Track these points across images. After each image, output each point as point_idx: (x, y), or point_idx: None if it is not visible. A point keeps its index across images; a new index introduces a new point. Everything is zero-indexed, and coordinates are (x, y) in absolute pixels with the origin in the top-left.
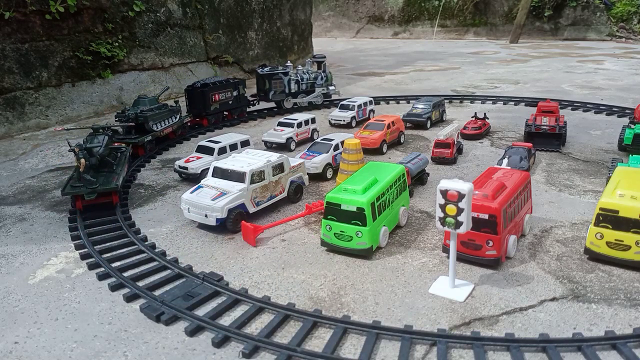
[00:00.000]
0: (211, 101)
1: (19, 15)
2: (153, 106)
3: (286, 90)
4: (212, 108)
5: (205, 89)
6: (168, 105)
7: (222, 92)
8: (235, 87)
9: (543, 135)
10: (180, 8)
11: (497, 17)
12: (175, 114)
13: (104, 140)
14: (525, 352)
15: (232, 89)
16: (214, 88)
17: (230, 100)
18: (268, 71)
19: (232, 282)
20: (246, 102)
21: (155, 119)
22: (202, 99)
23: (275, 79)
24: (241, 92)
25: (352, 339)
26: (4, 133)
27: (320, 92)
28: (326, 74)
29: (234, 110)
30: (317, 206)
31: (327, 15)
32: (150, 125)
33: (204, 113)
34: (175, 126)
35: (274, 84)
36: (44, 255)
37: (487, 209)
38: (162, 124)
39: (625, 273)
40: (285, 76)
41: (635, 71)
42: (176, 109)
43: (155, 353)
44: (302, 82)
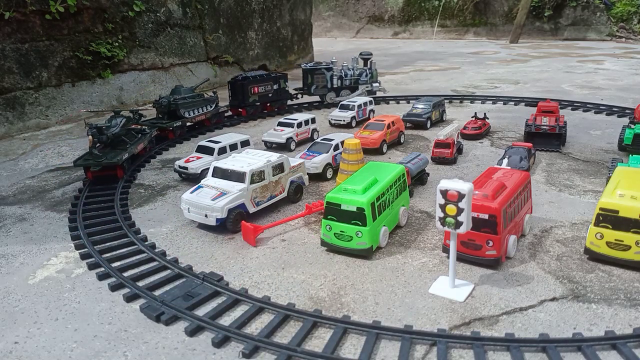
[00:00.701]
0: (250, 93)
1: (19, 15)
2: (187, 95)
3: (328, 85)
4: (250, 100)
5: (245, 81)
6: (203, 95)
7: (262, 85)
8: (276, 80)
9: (543, 135)
10: (180, 8)
11: (497, 17)
12: (210, 103)
13: (121, 122)
14: (525, 352)
15: (272, 83)
16: (253, 81)
17: (270, 93)
18: (311, 66)
19: (232, 282)
20: (287, 95)
21: (186, 106)
22: (241, 91)
23: (317, 74)
24: (282, 85)
25: (352, 339)
26: (4, 133)
27: (363, 89)
28: (371, 71)
29: (274, 102)
30: (317, 206)
31: (327, 15)
32: (181, 112)
33: (243, 104)
34: (210, 114)
35: (316, 78)
36: (44, 255)
37: (487, 209)
38: (193, 112)
39: (625, 273)
40: (328, 71)
41: (635, 71)
42: (212, 98)
43: (155, 353)
44: (346, 78)
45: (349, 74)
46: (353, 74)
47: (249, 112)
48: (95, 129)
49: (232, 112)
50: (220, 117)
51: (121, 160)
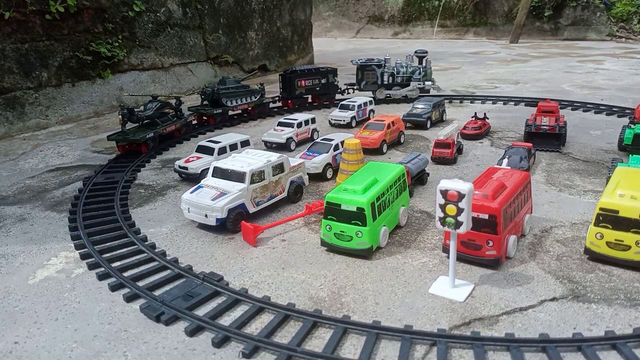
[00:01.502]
0: (297, 86)
1: (19, 15)
2: (230, 85)
3: (378, 81)
4: (297, 92)
5: (292, 75)
6: (248, 86)
7: (309, 78)
8: (325, 75)
9: (543, 135)
10: (180, 8)
11: (497, 17)
12: (255, 95)
13: (155, 106)
14: (525, 352)
15: (320, 77)
16: (301, 75)
17: (318, 87)
18: (362, 62)
19: (232, 282)
20: (335, 89)
21: (229, 96)
22: (289, 83)
23: (368, 70)
24: (330, 80)
25: (352, 339)
26: (4, 133)
27: (415, 86)
28: (425, 69)
29: (322, 96)
30: (317, 206)
31: (327, 15)
32: (223, 101)
33: (290, 96)
34: (253, 104)
35: (366, 74)
36: (44, 255)
37: (487, 209)
38: (236, 101)
39: (625, 273)
40: (379, 68)
41: (635, 71)
42: (257, 90)
43: (155, 353)
44: (398, 75)
45: (402, 71)
46: (405, 71)
47: (295, 104)
48: (126, 110)
49: (281, 103)
50: (265, 107)
51: (144, 138)
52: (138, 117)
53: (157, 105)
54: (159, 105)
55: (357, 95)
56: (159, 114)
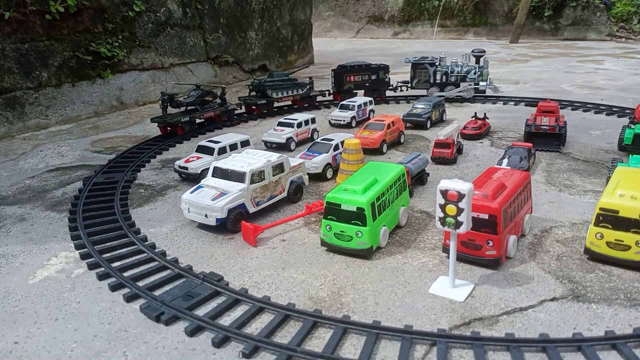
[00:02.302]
0: (345, 81)
1: (19, 15)
2: (277, 79)
3: (430, 80)
4: (345, 87)
5: (341, 70)
6: (295, 80)
7: (359, 74)
8: (375, 71)
9: (543, 135)
10: (180, 8)
11: (497, 17)
12: (301, 88)
13: (196, 94)
14: (525, 352)
15: (370, 73)
16: (350, 70)
17: (367, 83)
18: (416, 60)
19: (232, 282)
20: (385, 85)
21: (274, 88)
22: (338, 79)
23: (420, 68)
24: (381, 76)
25: (352, 339)
26: (4, 133)
27: (469, 86)
28: (481, 69)
29: (371, 92)
30: (317, 206)
31: (327, 15)
32: (269, 92)
33: (338, 91)
34: (299, 97)
35: (418, 72)
36: (44, 255)
37: (487, 209)
38: (281, 93)
39: (625, 273)
40: (432, 66)
41: (635, 71)
42: (303, 83)
43: (155, 353)
44: (452, 74)
45: (456, 71)
46: (460, 70)
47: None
48: (166, 96)
49: (334, 97)
50: (312, 100)
51: (178, 121)
52: (178, 103)
53: (199, 94)
54: (201, 93)
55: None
56: (199, 101)
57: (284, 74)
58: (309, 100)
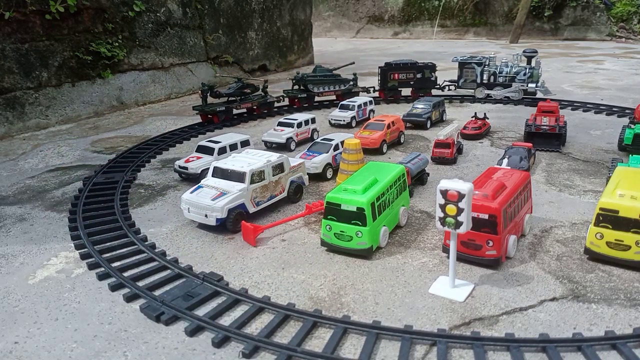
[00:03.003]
0: (389, 79)
1: (19, 15)
2: (320, 74)
3: (477, 80)
4: (389, 85)
5: (386, 68)
6: (338, 76)
7: (403, 72)
8: (420, 70)
9: (543, 135)
10: (180, 8)
11: (497, 17)
12: (343, 84)
13: (236, 86)
14: (525, 352)
15: (415, 72)
16: (395, 68)
17: (412, 81)
18: (463, 59)
19: (232, 282)
20: (431, 84)
21: (315, 83)
22: (383, 76)
23: (467, 67)
24: (426, 75)
25: (352, 339)
26: (4, 133)
27: (518, 88)
28: (532, 70)
29: (417, 90)
30: (317, 206)
31: (327, 15)
32: (310, 87)
33: (381, 88)
34: (340, 92)
35: (465, 72)
36: (44, 255)
37: (487, 209)
38: (323, 88)
39: (625, 273)
40: (479, 66)
41: (635, 71)
42: (345, 80)
43: (155, 353)
44: (500, 75)
45: (504, 71)
46: (509, 71)
47: (387, 96)
48: (206, 87)
49: (379, 94)
50: (353, 96)
51: (214, 110)
52: (217, 93)
53: (239, 86)
54: (240, 85)
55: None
56: (239, 92)
57: (328, 69)
58: (352, 96)
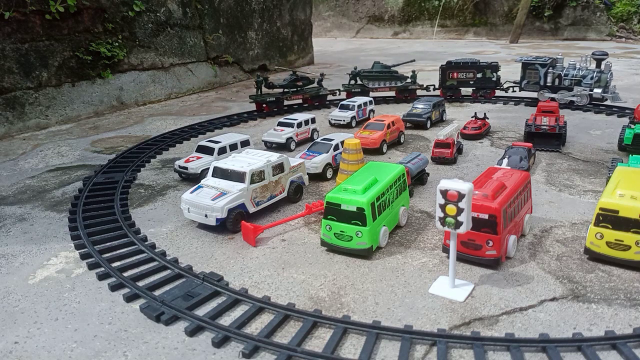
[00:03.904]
0: (448, 77)
1: (19, 15)
2: (375, 70)
3: (540, 82)
4: (447, 83)
5: (445, 66)
6: (395, 72)
7: (463, 71)
8: (481, 70)
9: (543, 135)
10: (180, 8)
11: (497, 17)
12: (400, 80)
13: (290, 79)
14: (525, 352)
15: (475, 71)
16: (455, 67)
17: (472, 80)
18: (527, 60)
19: (232, 282)
20: (492, 84)
21: (370, 78)
22: (442, 75)
23: (530, 68)
24: (487, 75)
25: (352, 339)
26: (4, 133)
27: (583, 92)
28: (599, 74)
29: (477, 90)
30: (317, 206)
31: (327, 15)
32: (365, 82)
33: (440, 86)
34: (395, 89)
35: (528, 73)
36: (44, 255)
37: (487, 209)
38: (378, 84)
39: (625, 273)
40: (543, 67)
41: (635, 71)
42: (403, 77)
43: (155, 353)
44: (565, 78)
45: (570, 74)
46: (576, 74)
47: (445, 95)
48: (261, 78)
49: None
50: (411, 93)
51: (264, 100)
52: (270, 84)
53: (292, 78)
54: (293, 78)
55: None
56: (292, 84)
57: (386, 65)
58: (409, 93)
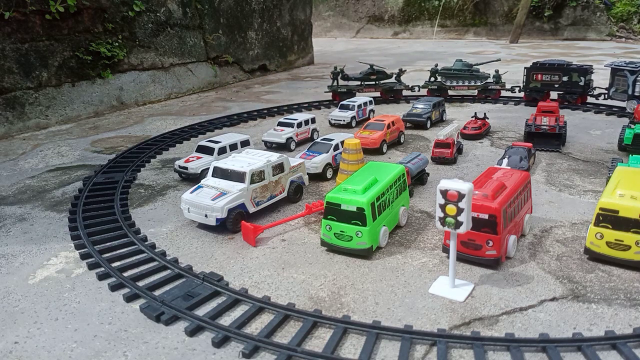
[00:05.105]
0: (531, 79)
1: (19, 15)
2: (455, 68)
3: (629, 90)
4: (530, 85)
5: (530, 67)
6: (476, 71)
7: (547, 74)
8: (567, 73)
9: (543, 135)
10: (180, 8)
11: (497, 17)
12: (480, 80)
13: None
14: (525, 352)
15: (560, 74)
16: (540, 68)
17: (557, 84)
18: (617, 65)
19: (232, 282)
20: (580, 90)
21: (448, 77)
22: (527, 76)
23: (619, 75)
24: (574, 79)
25: (352, 339)
26: (4, 133)
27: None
28: None
29: (563, 95)
30: (317, 206)
31: (327, 15)
32: (442, 80)
33: (523, 88)
34: (475, 89)
35: (616, 80)
36: (44, 255)
37: (487, 209)
38: (456, 82)
39: (625, 273)
40: (632, 74)
41: None
42: (484, 76)
43: (155, 353)
44: None
45: None
46: None
47: (529, 97)
48: (338, 70)
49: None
50: (490, 93)
51: (336, 91)
52: (345, 76)
53: (367, 72)
54: (368, 72)
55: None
56: (366, 77)
57: (468, 63)
58: (489, 93)
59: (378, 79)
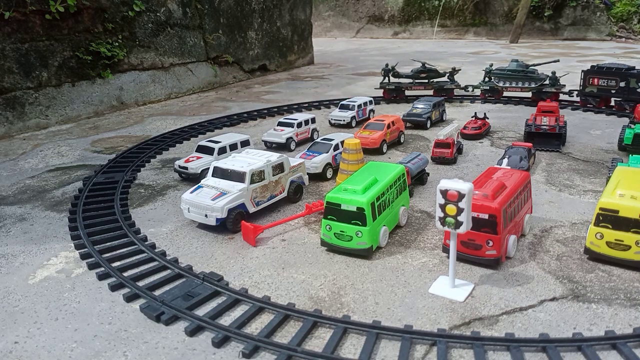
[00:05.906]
0: (588, 83)
1: (19, 15)
2: (509, 68)
3: None
4: (587, 90)
5: (587, 70)
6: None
7: (604, 78)
8: (625, 78)
9: (543, 135)
10: (180, 8)
11: (497, 17)
12: (535, 82)
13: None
14: (525, 352)
15: (618, 79)
16: (597, 72)
17: (613, 90)
18: None
19: (232, 282)
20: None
21: (500, 77)
22: (584, 80)
23: None
24: (632, 85)
25: (352, 339)
26: (4, 133)
27: None
28: None
29: (619, 102)
30: (317, 206)
31: (327, 15)
32: (495, 80)
33: (579, 92)
34: (528, 90)
35: None
36: (44, 255)
37: (487, 208)
38: (509, 83)
39: (625, 273)
40: None
41: None
42: (539, 78)
43: (155, 353)
44: None
45: None
46: None
47: (586, 102)
48: (389, 67)
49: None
50: (547, 96)
51: (384, 87)
52: (395, 73)
53: (417, 70)
54: (418, 70)
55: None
56: (416, 75)
57: (523, 64)
58: (544, 95)
59: (429, 77)
